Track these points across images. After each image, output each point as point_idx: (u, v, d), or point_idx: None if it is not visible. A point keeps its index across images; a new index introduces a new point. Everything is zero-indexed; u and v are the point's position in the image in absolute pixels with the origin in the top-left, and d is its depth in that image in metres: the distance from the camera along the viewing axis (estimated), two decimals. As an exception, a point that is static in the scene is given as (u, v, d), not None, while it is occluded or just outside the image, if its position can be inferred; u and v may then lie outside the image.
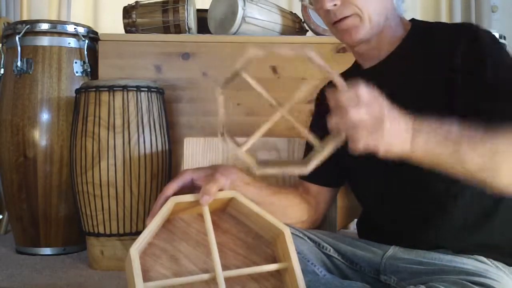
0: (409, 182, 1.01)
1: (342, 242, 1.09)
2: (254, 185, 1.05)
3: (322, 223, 1.31)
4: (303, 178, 1.18)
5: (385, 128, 0.72)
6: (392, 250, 1.03)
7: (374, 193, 1.10)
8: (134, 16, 2.10)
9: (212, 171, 0.94)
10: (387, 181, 1.05)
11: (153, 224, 0.79)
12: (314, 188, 1.17)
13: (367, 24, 0.99)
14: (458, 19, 3.27)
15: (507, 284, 0.87)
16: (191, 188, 0.94)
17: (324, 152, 0.73)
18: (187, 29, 2.10)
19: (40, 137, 1.97)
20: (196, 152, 1.52)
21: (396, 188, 1.04)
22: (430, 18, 2.46)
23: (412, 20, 1.10)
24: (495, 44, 0.95)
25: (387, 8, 1.02)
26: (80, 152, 1.79)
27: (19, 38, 1.98)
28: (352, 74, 1.13)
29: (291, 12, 2.30)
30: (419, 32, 1.05)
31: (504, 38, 2.26)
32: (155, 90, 1.86)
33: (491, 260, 0.96)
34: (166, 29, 2.11)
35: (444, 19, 3.27)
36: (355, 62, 1.17)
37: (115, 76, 1.95)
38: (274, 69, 2.03)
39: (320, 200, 1.18)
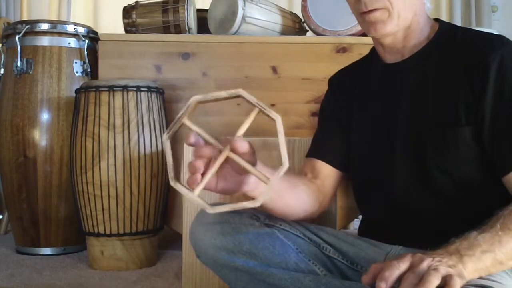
0: (416, 180, 1.02)
1: (344, 240, 1.09)
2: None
3: (323, 222, 1.30)
4: (319, 157, 1.17)
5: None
6: (395, 251, 1.03)
7: (379, 192, 1.10)
8: (134, 16, 2.10)
9: None
10: (393, 182, 1.06)
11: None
12: (325, 170, 1.16)
13: (395, 19, 1.00)
14: (458, 19, 3.27)
15: (510, 285, 0.87)
16: None
17: (270, 185, 0.77)
18: (187, 29, 2.10)
19: (40, 137, 1.97)
20: (196, 152, 1.51)
21: (402, 189, 1.05)
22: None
23: (438, 20, 1.10)
24: None
25: (416, 4, 1.02)
26: (80, 152, 1.79)
27: (19, 38, 1.98)
28: (374, 66, 1.14)
29: (291, 12, 2.29)
30: (447, 36, 1.05)
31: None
32: (155, 90, 1.86)
33: None
34: (166, 29, 2.10)
35: (444, 18, 3.27)
36: (373, 51, 1.16)
37: (115, 76, 1.95)
38: (274, 69, 2.03)
39: (328, 184, 1.17)
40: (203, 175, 0.78)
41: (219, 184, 0.83)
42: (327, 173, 1.17)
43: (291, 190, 1.04)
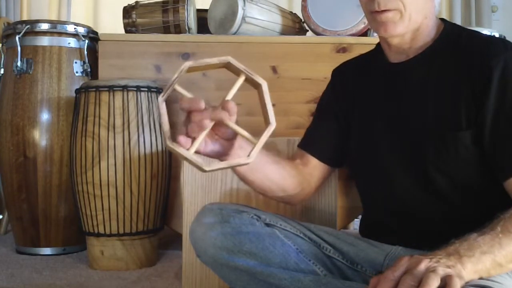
0: (416, 181, 1.03)
1: (344, 240, 1.09)
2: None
3: (323, 222, 1.30)
4: (308, 150, 1.19)
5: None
6: (395, 251, 1.03)
7: (379, 192, 1.10)
8: (134, 16, 2.10)
9: None
10: (393, 182, 1.06)
11: None
12: (313, 161, 1.18)
13: (406, 21, 0.99)
14: (458, 19, 3.27)
15: (509, 285, 0.87)
16: None
17: (260, 142, 0.82)
18: (187, 29, 2.10)
19: (40, 137, 1.97)
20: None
21: (402, 189, 1.05)
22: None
23: (443, 20, 1.09)
24: None
25: (427, 8, 1.02)
26: (80, 152, 1.79)
27: (19, 38, 1.98)
28: (378, 64, 1.13)
29: (291, 12, 2.30)
30: (452, 38, 1.04)
31: (504, 38, 2.26)
32: (155, 90, 1.86)
33: None
34: (166, 29, 2.10)
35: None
36: (378, 48, 1.16)
37: (115, 76, 1.95)
38: (274, 69, 2.03)
39: (315, 175, 1.19)
40: (191, 137, 0.82)
41: (208, 147, 0.88)
42: (315, 164, 1.19)
43: (273, 165, 1.07)
